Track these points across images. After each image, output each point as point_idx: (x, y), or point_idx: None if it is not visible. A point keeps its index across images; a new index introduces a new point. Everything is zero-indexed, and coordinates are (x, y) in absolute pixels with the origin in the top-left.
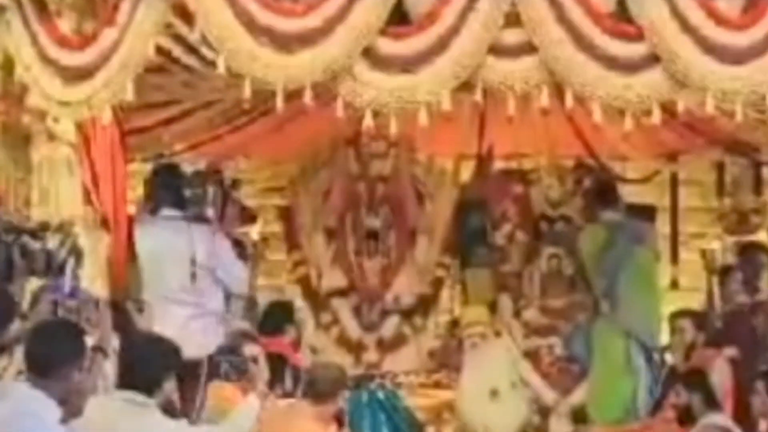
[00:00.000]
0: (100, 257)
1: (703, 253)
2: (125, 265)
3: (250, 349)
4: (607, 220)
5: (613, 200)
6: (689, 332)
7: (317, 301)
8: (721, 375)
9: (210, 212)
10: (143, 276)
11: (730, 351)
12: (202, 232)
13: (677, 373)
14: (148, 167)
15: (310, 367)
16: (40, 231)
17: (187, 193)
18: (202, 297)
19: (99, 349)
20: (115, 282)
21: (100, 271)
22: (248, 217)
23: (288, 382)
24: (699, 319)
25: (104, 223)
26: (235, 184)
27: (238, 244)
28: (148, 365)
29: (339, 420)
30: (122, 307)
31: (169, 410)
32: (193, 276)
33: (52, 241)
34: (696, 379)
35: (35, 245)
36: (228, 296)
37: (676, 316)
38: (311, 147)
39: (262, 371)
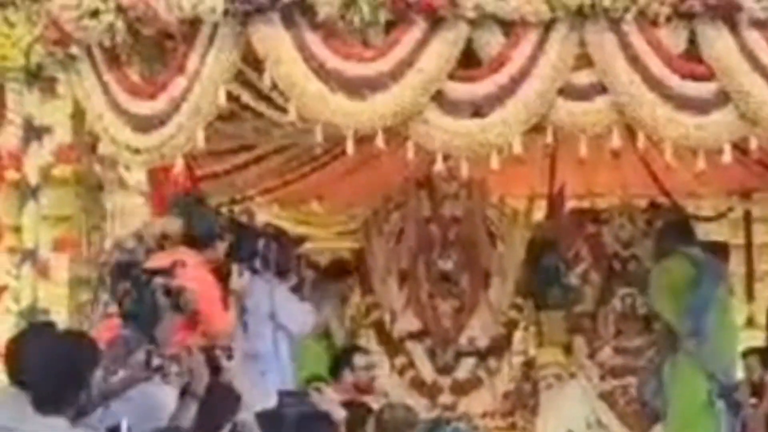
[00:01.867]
0: None
1: None
2: None
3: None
4: (694, 255)
5: (691, 237)
6: (756, 370)
7: (391, 344)
8: None
9: (257, 264)
10: None
11: None
12: (253, 282)
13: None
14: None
15: (377, 410)
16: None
17: (242, 248)
18: (254, 343)
19: (191, 394)
20: None
21: None
22: (314, 267)
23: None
24: (765, 356)
25: None
26: (300, 240)
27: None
28: (209, 413)
29: None
30: (212, 354)
31: None
32: (245, 325)
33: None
34: None
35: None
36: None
37: (744, 354)
38: (383, 190)
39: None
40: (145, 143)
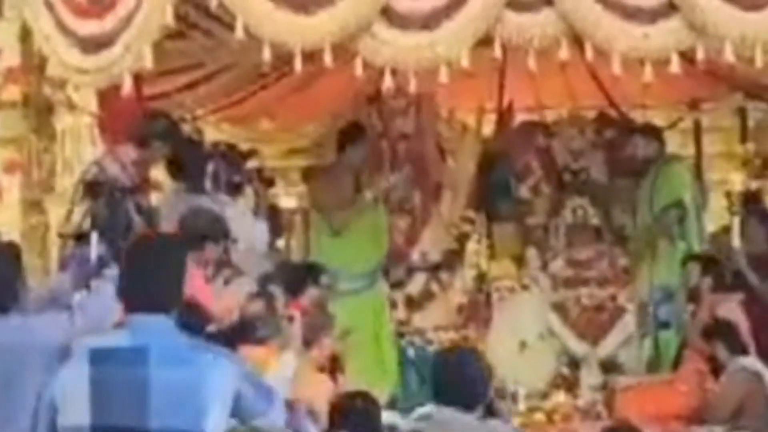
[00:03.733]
0: None
1: (728, 195)
2: None
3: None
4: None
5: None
6: (694, 276)
7: None
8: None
9: (207, 184)
10: None
11: (738, 296)
12: (202, 203)
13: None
14: None
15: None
16: (147, 190)
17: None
18: None
19: None
20: None
21: None
22: (267, 182)
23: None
24: (705, 263)
25: None
26: (250, 153)
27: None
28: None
29: (334, 367)
30: None
31: None
32: None
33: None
34: (714, 328)
35: (147, 202)
36: None
37: (684, 261)
38: (334, 107)
39: (297, 329)
40: (93, 63)
